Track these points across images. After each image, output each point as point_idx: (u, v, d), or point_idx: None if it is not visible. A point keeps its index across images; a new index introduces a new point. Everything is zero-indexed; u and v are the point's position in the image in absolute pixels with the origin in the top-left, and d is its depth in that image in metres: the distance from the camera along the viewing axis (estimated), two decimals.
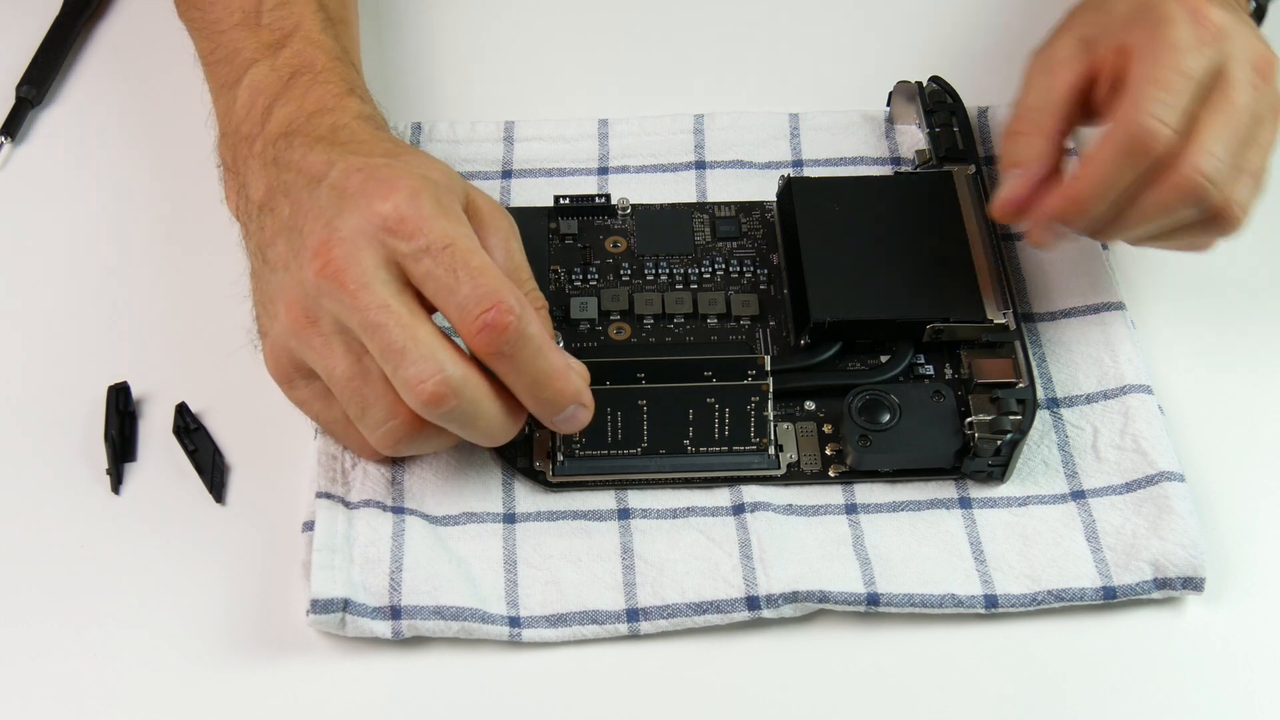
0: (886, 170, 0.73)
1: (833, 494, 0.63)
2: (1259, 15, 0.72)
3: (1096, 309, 0.68)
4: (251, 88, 0.65)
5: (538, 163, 0.74)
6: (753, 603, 0.59)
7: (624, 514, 0.62)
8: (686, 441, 0.63)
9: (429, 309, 0.57)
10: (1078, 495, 0.63)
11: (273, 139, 0.63)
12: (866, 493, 0.63)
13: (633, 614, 0.59)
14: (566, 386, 0.58)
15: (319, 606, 0.58)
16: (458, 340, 0.57)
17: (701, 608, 0.59)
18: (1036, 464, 0.64)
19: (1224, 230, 0.62)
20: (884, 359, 0.65)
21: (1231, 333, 0.69)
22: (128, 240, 0.71)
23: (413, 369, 0.55)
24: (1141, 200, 0.60)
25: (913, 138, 0.74)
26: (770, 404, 0.62)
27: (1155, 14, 0.61)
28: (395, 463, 0.63)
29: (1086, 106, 0.63)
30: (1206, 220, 0.61)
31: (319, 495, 0.61)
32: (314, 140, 0.62)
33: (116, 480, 0.63)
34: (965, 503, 0.63)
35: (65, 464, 0.64)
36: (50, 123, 0.76)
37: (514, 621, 0.59)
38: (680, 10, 0.82)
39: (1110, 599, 0.60)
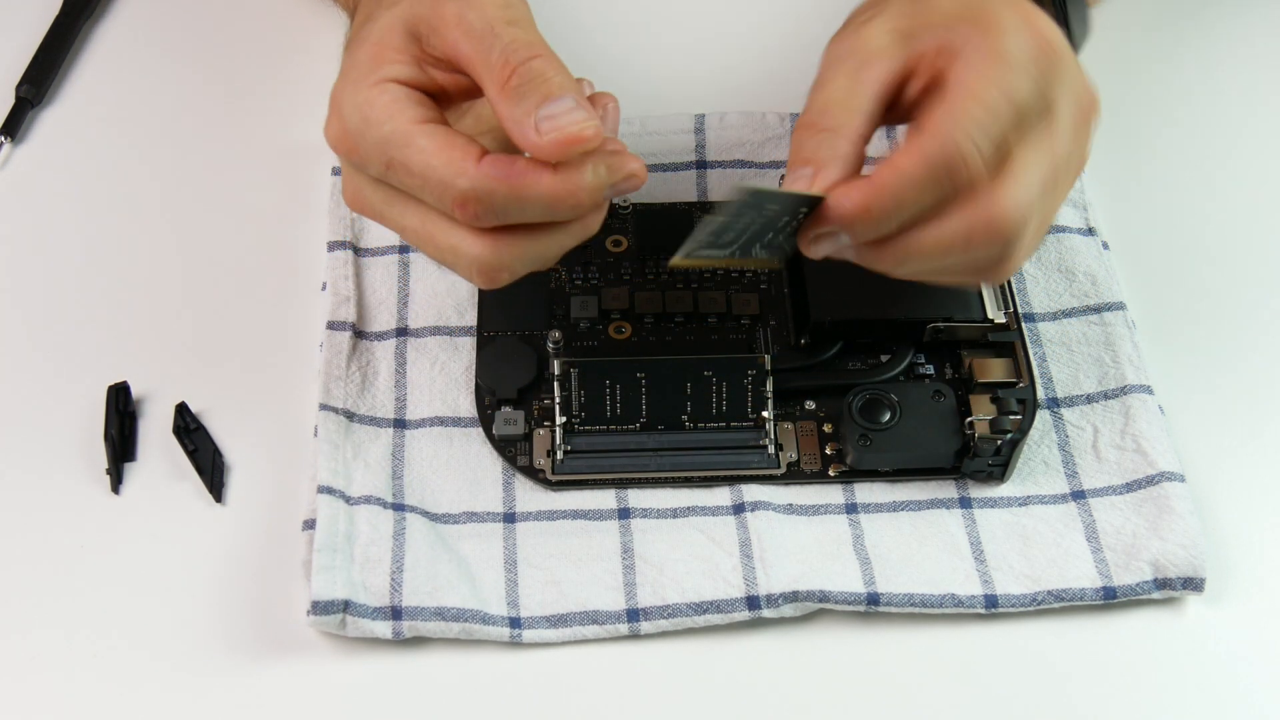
0: None
1: (833, 494, 0.63)
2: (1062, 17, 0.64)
3: (1096, 309, 0.68)
4: None
5: None
6: (753, 602, 0.59)
7: (624, 514, 0.62)
8: (685, 416, 0.63)
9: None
10: (1078, 495, 0.63)
11: None
12: (866, 492, 0.63)
13: (633, 614, 0.59)
14: (577, 196, 0.54)
15: (319, 608, 0.58)
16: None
17: (701, 607, 0.59)
18: (1036, 464, 0.64)
19: (992, 279, 0.57)
20: (884, 359, 0.65)
21: (1232, 332, 0.69)
22: (127, 240, 0.71)
23: (454, 268, 0.57)
24: (934, 229, 0.54)
25: None
26: (769, 382, 0.62)
27: (987, 16, 0.54)
28: (396, 457, 0.63)
29: (892, 105, 0.56)
30: (982, 267, 0.56)
31: (320, 489, 0.61)
32: None
33: (116, 480, 0.63)
34: (965, 503, 0.63)
35: (65, 464, 0.64)
36: (50, 123, 0.76)
37: (515, 622, 0.59)
38: (680, 10, 0.82)
39: (1110, 599, 0.60)
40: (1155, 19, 0.79)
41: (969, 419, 0.62)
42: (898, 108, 0.56)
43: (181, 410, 0.65)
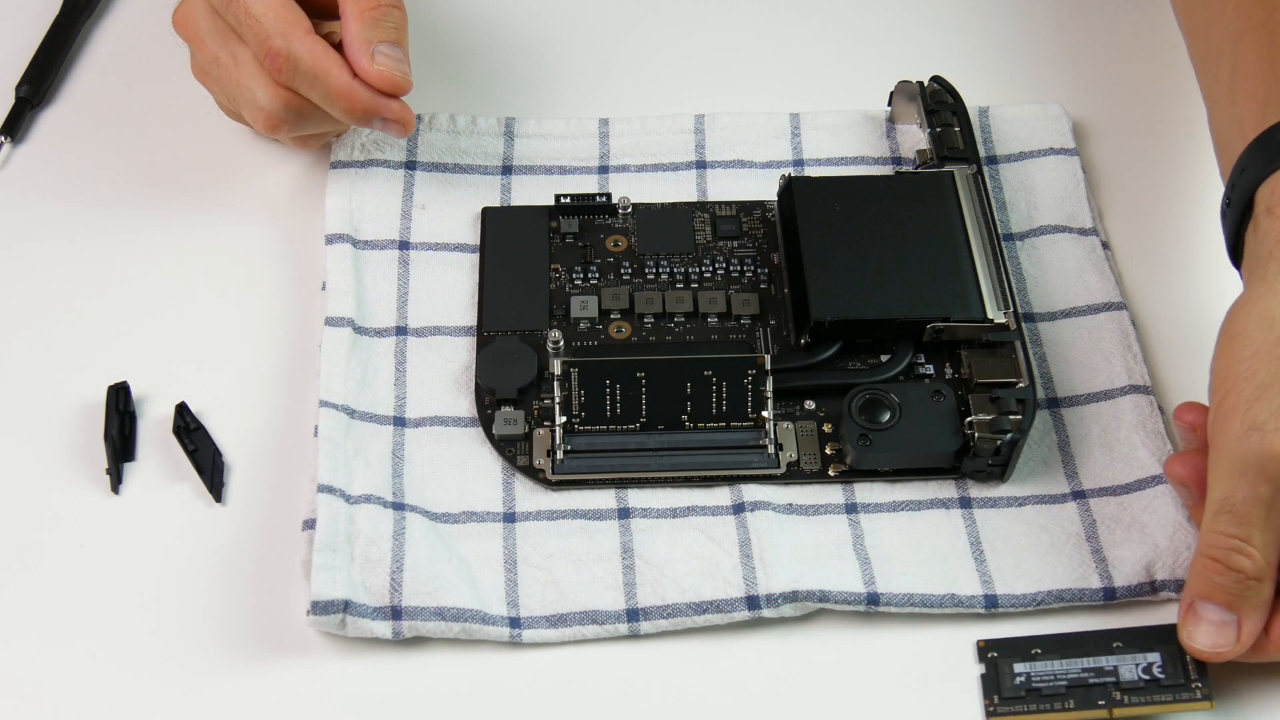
0: (887, 170, 0.73)
1: (833, 493, 0.63)
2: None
3: (1096, 309, 0.68)
4: None
5: (538, 160, 0.74)
6: (753, 602, 0.59)
7: (624, 513, 0.62)
8: (684, 416, 0.63)
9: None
10: (1078, 495, 0.63)
11: None
12: (866, 492, 0.63)
13: (633, 614, 0.59)
14: (354, 105, 0.66)
15: (319, 608, 0.58)
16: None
17: (701, 607, 0.59)
18: (1036, 464, 0.64)
19: None
20: (884, 359, 0.65)
21: None
22: (127, 240, 0.71)
23: (248, 112, 0.68)
24: None
25: (914, 137, 0.74)
26: (769, 381, 0.62)
27: None
28: (396, 455, 0.63)
29: None
30: None
31: (320, 489, 0.61)
32: None
33: (116, 480, 0.63)
34: (965, 502, 0.63)
35: (65, 464, 0.64)
36: (50, 123, 0.76)
37: (514, 622, 0.59)
38: (680, 10, 0.82)
39: (1110, 599, 0.60)
40: (1161, 20, 0.79)
41: (969, 419, 0.62)
42: None
43: (181, 410, 0.65)
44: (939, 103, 0.73)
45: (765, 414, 0.63)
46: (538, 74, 0.79)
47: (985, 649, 0.58)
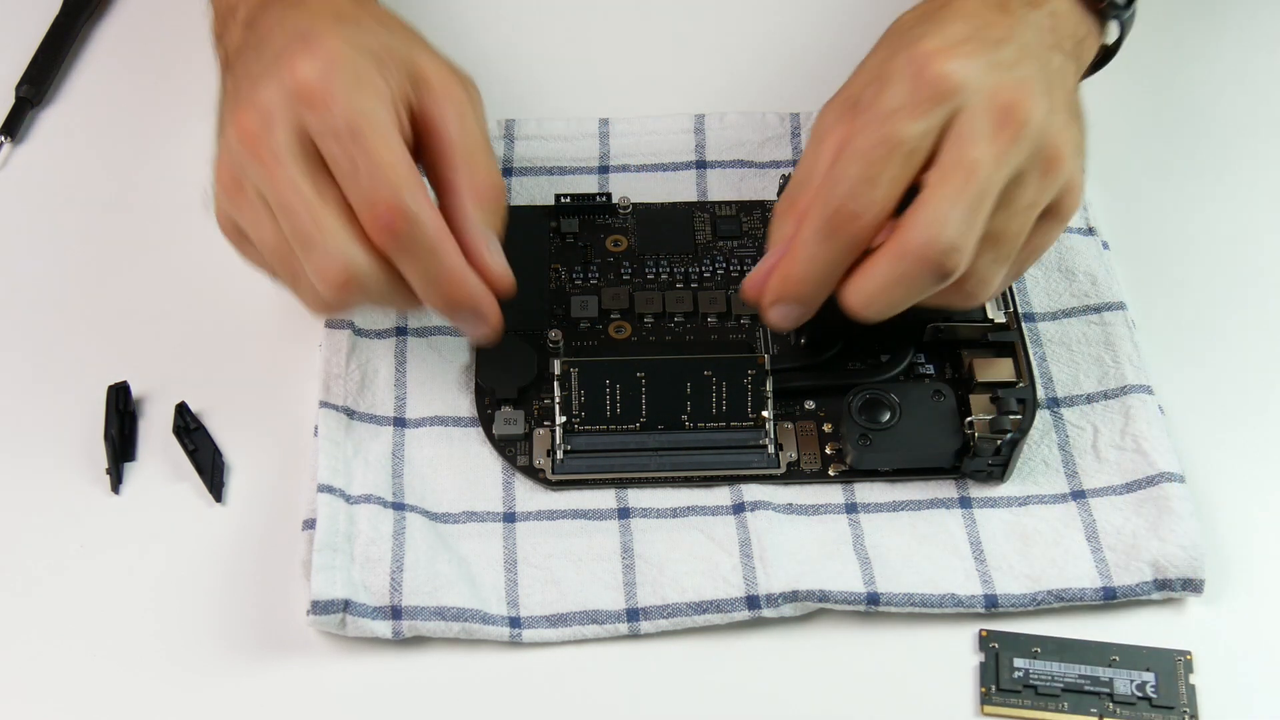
0: None
1: (833, 493, 0.63)
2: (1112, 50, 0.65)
3: (1096, 309, 0.68)
4: None
5: (538, 161, 0.74)
6: (753, 602, 0.59)
7: (624, 513, 0.62)
8: (684, 416, 0.63)
9: None
10: (1078, 495, 0.63)
11: (253, 4, 0.62)
12: (866, 492, 0.63)
13: (633, 614, 0.59)
14: (459, 293, 0.57)
15: (319, 607, 0.58)
16: None
17: (701, 607, 0.59)
18: (1036, 464, 0.64)
19: (965, 303, 0.58)
20: (884, 359, 0.65)
21: (1232, 332, 0.69)
22: (127, 239, 0.71)
23: (318, 259, 0.55)
24: (875, 270, 0.56)
25: None
26: (769, 381, 0.62)
27: (883, 74, 0.56)
28: (396, 456, 0.63)
29: None
30: (947, 291, 0.57)
31: (320, 488, 0.61)
32: (286, 6, 0.60)
33: (116, 480, 0.63)
34: (965, 502, 0.63)
35: (65, 464, 0.64)
36: (50, 123, 0.76)
37: (514, 622, 0.59)
38: (680, 10, 0.82)
39: (1110, 599, 0.60)
40: (1157, 18, 0.79)
41: (969, 419, 0.62)
42: None
43: (181, 410, 0.65)
44: None
45: (765, 414, 0.63)
46: (538, 74, 0.79)
47: (987, 638, 0.59)
